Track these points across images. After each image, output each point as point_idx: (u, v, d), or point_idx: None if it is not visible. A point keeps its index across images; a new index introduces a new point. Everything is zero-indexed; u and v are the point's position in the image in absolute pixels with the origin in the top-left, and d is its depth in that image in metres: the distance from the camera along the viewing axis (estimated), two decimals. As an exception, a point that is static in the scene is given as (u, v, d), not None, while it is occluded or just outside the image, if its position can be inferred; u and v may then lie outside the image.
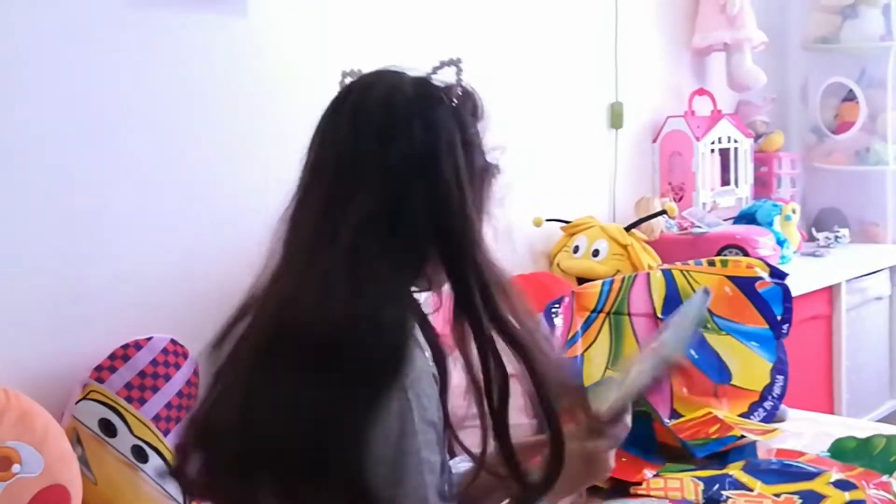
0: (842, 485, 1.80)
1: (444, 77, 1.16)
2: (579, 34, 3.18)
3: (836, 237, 3.73)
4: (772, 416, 2.28)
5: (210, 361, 1.16)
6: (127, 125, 2.00)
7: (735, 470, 1.91)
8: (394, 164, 1.10)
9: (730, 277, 2.38)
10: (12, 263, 1.83)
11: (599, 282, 2.47)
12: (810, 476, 1.85)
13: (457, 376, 1.15)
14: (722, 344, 2.35)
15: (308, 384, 1.04)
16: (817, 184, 4.03)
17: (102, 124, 1.96)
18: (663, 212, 2.99)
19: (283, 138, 1.16)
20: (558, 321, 2.34)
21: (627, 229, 2.90)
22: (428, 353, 1.14)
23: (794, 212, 3.47)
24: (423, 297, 1.21)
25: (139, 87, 2.01)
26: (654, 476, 1.90)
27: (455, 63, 1.19)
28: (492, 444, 1.13)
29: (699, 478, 1.88)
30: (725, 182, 3.56)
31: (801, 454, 2.00)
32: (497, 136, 1.18)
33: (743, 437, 2.06)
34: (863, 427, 2.25)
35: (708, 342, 2.36)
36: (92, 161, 1.94)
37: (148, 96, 2.03)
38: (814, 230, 3.81)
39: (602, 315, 2.40)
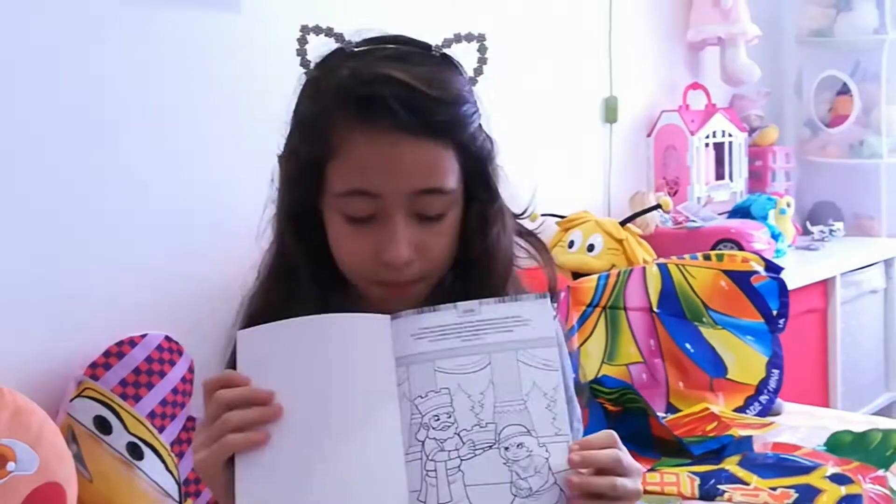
0: (838, 479, 1.80)
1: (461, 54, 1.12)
2: (573, 28, 3.17)
3: (831, 231, 3.73)
4: (767, 410, 2.28)
5: None
6: (121, 123, 1.99)
7: (731, 464, 1.91)
8: None
9: (725, 272, 2.39)
10: (6, 261, 1.82)
11: (595, 276, 2.47)
12: (806, 470, 1.85)
13: None
14: (717, 338, 2.36)
15: None
16: (812, 177, 4.04)
17: (96, 122, 1.95)
18: (658, 206, 2.99)
19: (280, 135, 1.15)
20: (554, 316, 2.34)
21: (622, 224, 2.90)
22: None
23: (788, 205, 3.47)
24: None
25: (133, 85, 2.00)
26: (650, 470, 1.90)
27: (478, 39, 1.13)
28: None
29: (695, 472, 1.88)
30: (720, 176, 3.56)
31: (798, 448, 2.00)
32: (493, 129, 1.16)
33: (740, 436, 2.06)
34: (859, 420, 2.25)
35: (704, 336, 2.36)
36: (86, 158, 1.93)
37: (142, 94, 2.02)
38: (808, 224, 3.81)
39: (598, 309, 2.41)
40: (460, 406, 0.96)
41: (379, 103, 1.00)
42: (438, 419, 0.96)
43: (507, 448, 0.95)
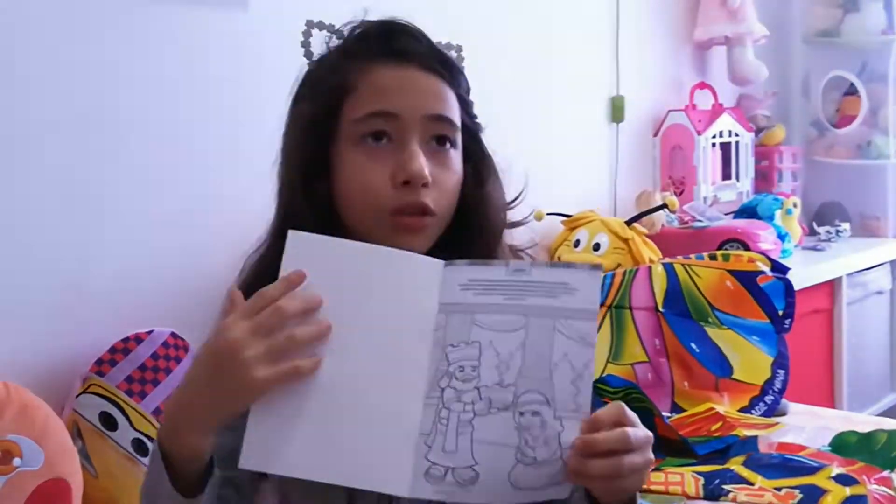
0: (843, 479, 1.80)
1: None
2: (580, 28, 3.17)
3: (837, 231, 3.73)
4: (773, 411, 2.28)
5: None
6: (127, 121, 1.99)
7: (736, 464, 1.91)
8: None
9: (731, 271, 2.38)
10: (12, 257, 1.83)
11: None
12: (811, 470, 1.85)
13: None
14: (723, 338, 2.35)
15: None
16: (818, 178, 4.03)
17: (102, 120, 1.95)
18: (664, 206, 2.99)
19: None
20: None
21: (628, 223, 2.90)
22: None
23: (795, 206, 3.47)
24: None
25: (139, 83, 2.01)
26: (654, 470, 1.90)
27: (456, 49, 1.19)
28: None
29: (700, 472, 1.88)
30: (726, 176, 3.56)
31: (802, 448, 2.00)
32: (500, 129, 1.18)
33: (745, 437, 2.06)
34: (864, 421, 2.25)
35: (709, 336, 2.36)
36: (92, 156, 1.94)
37: (148, 92, 2.02)
38: (815, 224, 3.81)
39: (603, 309, 2.40)
40: (487, 362, 0.95)
41: (402, 35, 1.14)
42: (463, 370, 0.95)
43: (521, 413, 0.94)
